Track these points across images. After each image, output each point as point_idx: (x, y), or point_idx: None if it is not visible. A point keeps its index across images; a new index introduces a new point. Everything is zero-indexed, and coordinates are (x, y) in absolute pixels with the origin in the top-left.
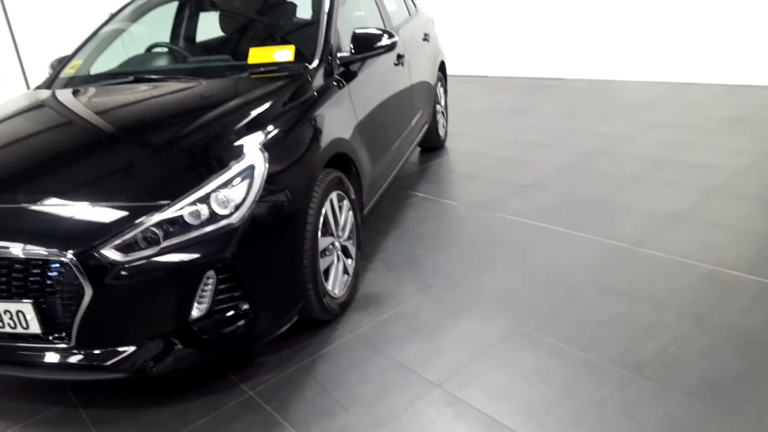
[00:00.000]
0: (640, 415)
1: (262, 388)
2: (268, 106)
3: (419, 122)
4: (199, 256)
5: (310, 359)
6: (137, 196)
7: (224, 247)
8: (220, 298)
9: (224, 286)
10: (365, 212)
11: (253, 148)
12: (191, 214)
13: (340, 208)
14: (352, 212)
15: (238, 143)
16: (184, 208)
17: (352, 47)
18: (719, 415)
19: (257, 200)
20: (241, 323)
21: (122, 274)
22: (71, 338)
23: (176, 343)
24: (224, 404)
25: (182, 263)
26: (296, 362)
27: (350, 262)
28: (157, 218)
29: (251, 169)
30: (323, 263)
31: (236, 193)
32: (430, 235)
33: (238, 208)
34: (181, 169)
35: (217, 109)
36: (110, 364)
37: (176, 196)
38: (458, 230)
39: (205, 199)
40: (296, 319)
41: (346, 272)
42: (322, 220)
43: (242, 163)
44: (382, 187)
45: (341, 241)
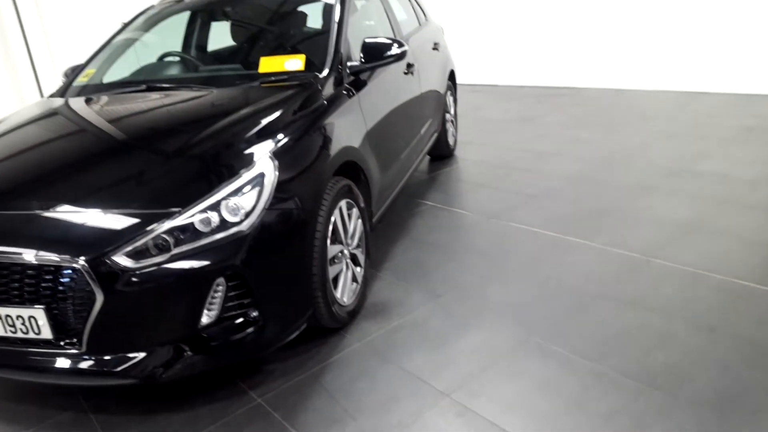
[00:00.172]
0: (651, 426)
1: (270, 395)
2: (278, 114)
3: (428, 131)
4: (209, 263)
5: (318, 367)
6: (148, 203)
7: (234, 254)
8: (229, 305)
9: (234, 293)
10: (374, 220)
11: (263, 156)
12: (202, 221)
13: (349, 216)
14: (361, 220)
15: (248, 151)
16: (194, 215)
17: (362, 56)
18: (732, 427)
19: (267, 208)
20: (250, 330)
21: (133, 280)
22: (82, 344)
23: (186, 349)
24: (233, 411)
25: (192, 270)
26: (305, 370)
27: (359, 270)
28: (168, 225)
29: (261, 177)
30: (332, 271)
31: (246, 200)
32: (439, 244)
33: (248, 215)
34: (191, 176)
35: (227, 117)
36: (120, 370)
37: (187, 203)
38: (468, 239)
39: (215, 206)
40: (305, 326)
41: (354, 280)
42: (331, 228)
43: (252, 171)
44: (391, 195)
45: (350, 249)
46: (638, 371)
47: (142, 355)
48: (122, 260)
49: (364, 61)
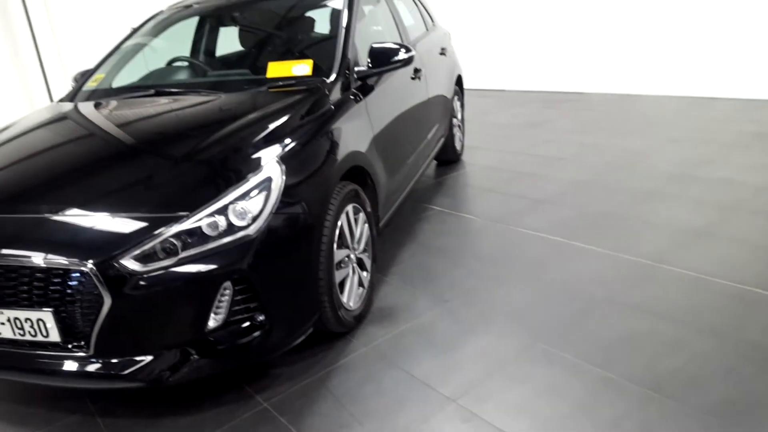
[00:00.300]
0: None
1: (276, 399)
2: (285, 119)
3: (435, 136)
4: (216, 267)
5: (324, 372)
6: (156, 207)
7: (241, 258)
8: (236, 309)
9: (240, 297)
10: (381, 225)
11: (270, 160)
12: (209, 225)
13: (355, 220)
14: (367, 225)
15: (255, 156)
16: (202, 219)
17: (369, 61)
18: None
19: (274, 212)
20: (256, 334)
21: (141, 284)
22: (90, 347)
23: (192, 353)
24: (239, 415)
25: (200, 274)
26: (311, 374)
27: (365, 274)
28: (175, 229)
29: (268, 181)
30: (339, 276)
31: (253, 205)
32: (446, 248)
33: (255, 219)
34: (199, 181)
35: (235, 122)
36: (127, 373)
37: (195, 207)
38: (474, 244)
39: (222, 210)
40: (311, 331)
41: (361, 285)
42: (337, 232)
43: (260, 175)
44: (398, 200)
45: (357, 253)
46: (645, 377)
47: (149, 358)
48: (130, 264)
49: (371, 66)
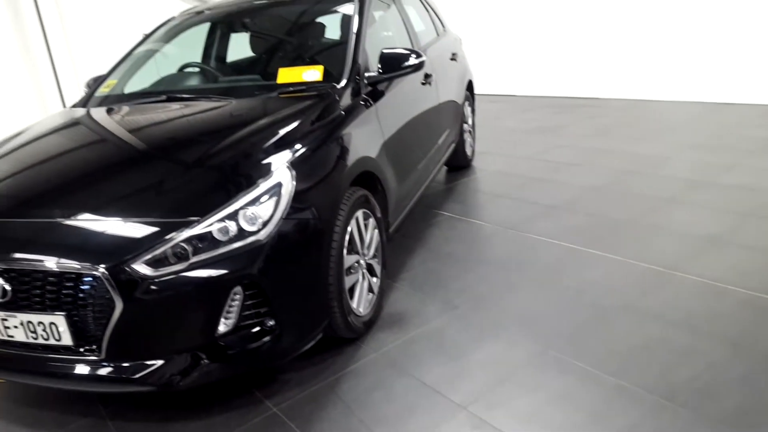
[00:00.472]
0: None
1: (286, 405)
2: (296, 125)
3: (446, 141)
4: (226, 271)
5: (334, 377)
6: (168, 212)
7: (251, 263)
8: (246, 313)
9: (251, 302)
10: (391, 231)
11: (280, 166)
12: (220, 230)
13: (365, 226)
14: (377, 230)
15: (266, 161)
16: (213, 224)
17: (379, 67)
18: None
19: (284, 217)
20: (266, 339)
21: (152, 288)
22: (101, 351)
23: (203, 357)
24: (248, 420)
25: (210, 279)
26: (320, 380)
27: (375, 280)
28: (186, 234)
29: (279, 186)
30: (348, 281)
31: (264, 210)
32: (456, 254)
33: (265, 225)
34: (210, 186)
35: (246, 127)
36: (138, 377)
37: (205, 212)
38: (485, 250)
39: (233, 215)
40: (321, 336)
41: (371, 291)
42: (347, 238)
43: (270, 180)
44: (408, 205)
45: (366, 259)
46: (658, 385)
47: (159, 362)
48: (141, 268)
49: (381, 71)
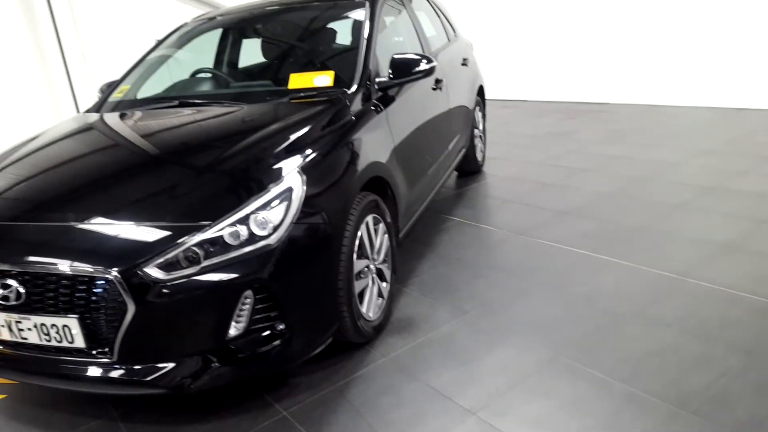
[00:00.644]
0: None
1: (296, 408)
2: (306, 130)
3: (456, 146)
4: (237, 275)
5: (343, 382)
6: (180, 216)
7: (262, 267)
8: (257, 317)
9: (261, 305)
10: (401, 236)
11: (291, 171)
12: (231, 234)
13: (375, 231)
14: (387, 235)
15: (277, 166)
16: (224, 228)
17: (390, 72)
18: None
19: (295, 222)
20: (276, 343)
21: (164, 292)
22: (113, 353)
23: (213, 360)
24: (258, 423)
25: (221, 282)
26: (330, 384)
27: (385, 285)
28: (198, 238)
29: (289, 191)
30: (358, 286)
31: (274, 214)
32: (466, 260)
33: (276, 229)
34: (221, 190)
35: (257, 133)
36: (150, 379)
37: (217, 217)
38: (495, 256)
39: (244, 220)
40: (330, 341)
41: (380, 295)
42: (357, 242)
43: (281, 185)
44: (418, 210)
45: (376, 264)
46: (670, 393)
47: (171, 365)
48: (153, 272)
49: (392, 76)
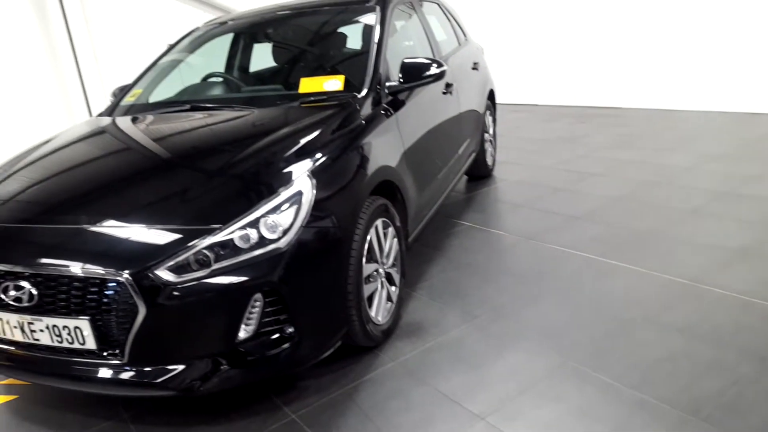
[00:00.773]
0: None
1: (304, 411)
2: (316, 134)
3: (467, 150)
4: (247, 278)
5: (352, 385)
6: (190, 219)
7: (272, 270)
8: (266, 320)
9: (271, 309)
10: (410, 240)
11: (301, 174)
12: (241, 237)
13: (385, 235)
14: (396, 239)
15: (287, 170)
16: (234, 232)
17: (400, 76)
18: None
19: (304, 226)
20: (286, 346)
21: (174, 294)
22: (124, 355)
23: (223, 363)
24: (267, 426)
25: (231, 285)
26: (339, 387)
27: (394, 289)
28: (208, 241)
29: (299, 195)
30: (367, 290)
31: (284, 218)
32: (476, 264)
33: (285, 232)
34: (232, 194)
35: (267, 137)
36: (160, 381)
37: (227, 220)
38: (505, 260)
39: (254, 223)
40: (339, 344)
41: (389, 299)
42: (366, 246)
43: (290, 189)
44: (427, 214)
45: (385, 268)
46: (681, 399)
47: (181, 367)
48: (164, 274)
49: (402, 81)
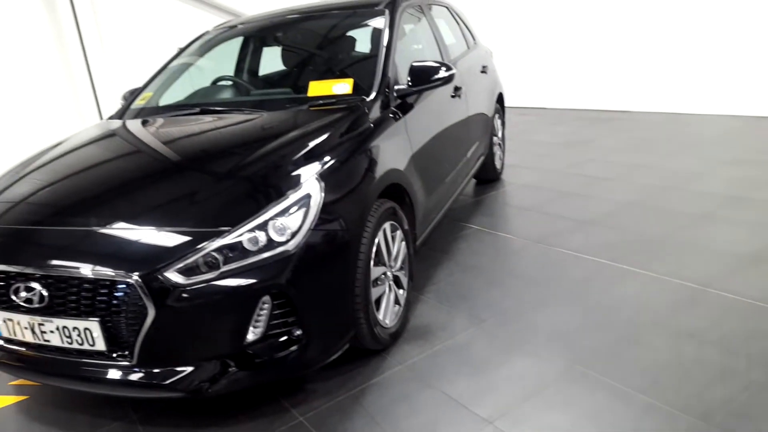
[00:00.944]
0: None
1: (312, 414)
2: (325, 137)
3: (475, 154)
4: (256, 281)
5: (359, 388)
6: (200, 222)
7: (280, 273)
8: (274, 323)
9: (279, 311)
10: (418, 243)
11: (309, 177)
12: (250, 240)
13: (393, 238)
14: (404, 243)
15: (295, 173)
16: (243, 234)
17: (409, 80)
18: None
19: (312, 228)
20: (293, 348)
21: (183, 296)
22: (133, 356)
23: (231, 365)
24: (275, 428)
25: (240, 288)
26: (346, 390)
27: (402, 292)
28: (217, 243)
29: (308, 198)
30: (375, 293)
31: (293, 221)
32: (484, 268)
33: (294, 235)
34: (241, 197)
35: (276, 140)
36: (168, 383)
37: (236, 222)
38: (513, 264)
39: (263, 226)
40: (347, 347)
41: (397, 302)
42: (374, 249)
43: (299, 192)
44: (435, 218)
45: (393, 271)
46: (692, 405)
47: (189, 369)
48: (174, 276)
49: (411, 84)
